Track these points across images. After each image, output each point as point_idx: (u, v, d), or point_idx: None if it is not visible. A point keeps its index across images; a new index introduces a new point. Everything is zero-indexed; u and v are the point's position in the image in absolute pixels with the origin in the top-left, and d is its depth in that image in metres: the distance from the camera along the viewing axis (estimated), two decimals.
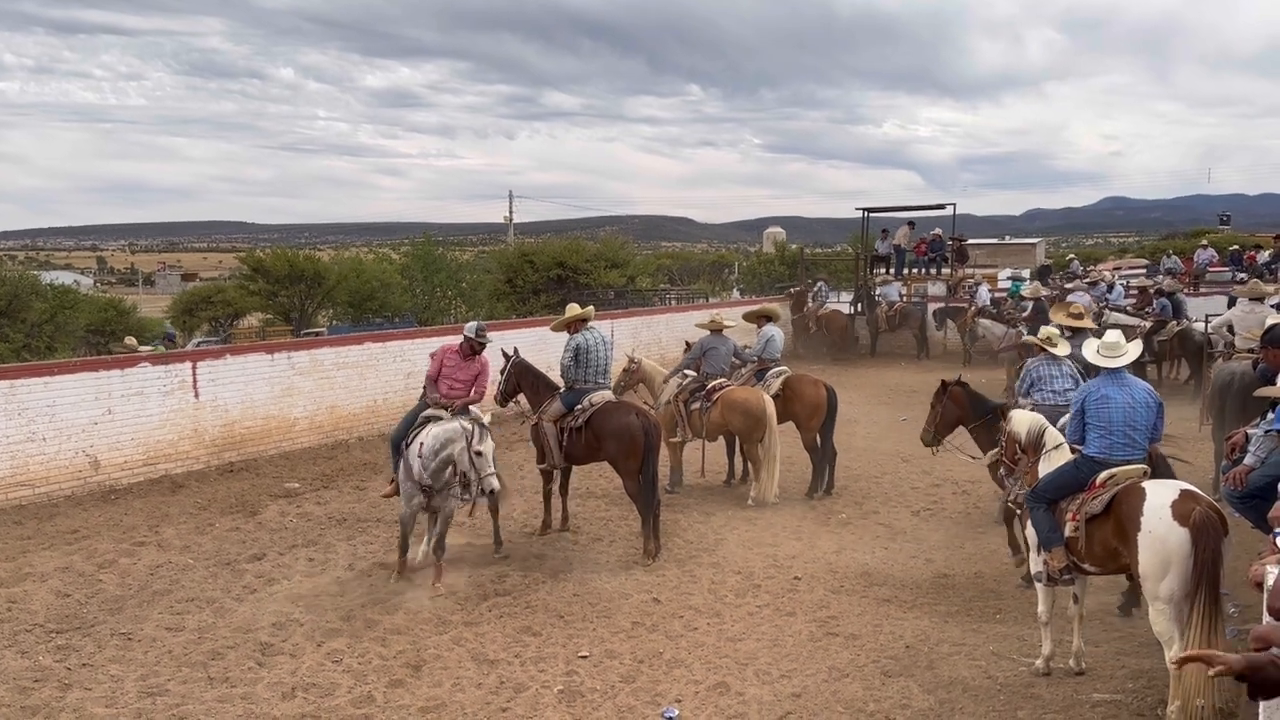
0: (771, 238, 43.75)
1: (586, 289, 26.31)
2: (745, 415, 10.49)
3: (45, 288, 31.48)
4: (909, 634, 7.03)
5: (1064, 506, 6.03)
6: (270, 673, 6.48)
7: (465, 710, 5.95)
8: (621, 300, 25.88)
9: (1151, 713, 5.61)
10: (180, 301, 48.75)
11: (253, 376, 12.99)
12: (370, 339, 15.32)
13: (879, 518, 10.12)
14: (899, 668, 6.47)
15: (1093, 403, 6.02)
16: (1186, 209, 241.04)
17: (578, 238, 37.22)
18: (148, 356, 12.47)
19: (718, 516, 10.12)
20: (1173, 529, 5.33)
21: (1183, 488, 5.62)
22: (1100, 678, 6.21)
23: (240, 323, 43.66)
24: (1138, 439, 5.97)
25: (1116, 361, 6.08)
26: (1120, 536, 5.63)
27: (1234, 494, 6.41)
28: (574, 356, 9.22)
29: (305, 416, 13.60)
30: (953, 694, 6.07)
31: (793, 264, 33.99)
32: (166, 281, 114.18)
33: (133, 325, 33.42)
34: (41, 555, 8.85)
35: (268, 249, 43.25)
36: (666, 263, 47.85)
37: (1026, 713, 5.79)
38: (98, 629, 7.20)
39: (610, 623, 7.32)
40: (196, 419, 12.31)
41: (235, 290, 41.27)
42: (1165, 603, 5.38)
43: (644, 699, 6.10)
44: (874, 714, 5.85)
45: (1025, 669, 6.38)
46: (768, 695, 6.10)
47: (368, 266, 39.20)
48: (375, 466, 12.45)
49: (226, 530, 9.71)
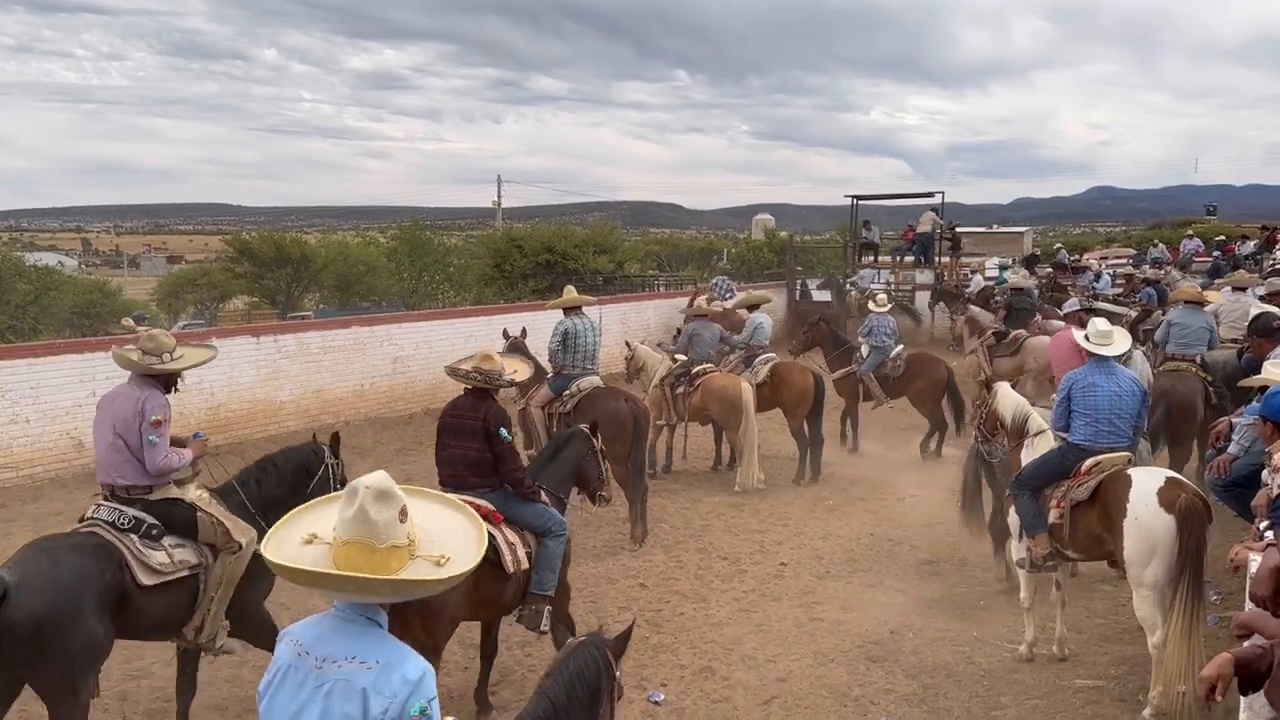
0: (760, 225, 43.72)
1: (575, 274, 26.24)
2: (723, 402, 10.51)
3: (29, 269, 31.28)
4: (894, 620, 7.06)
5: (1048, 493, 6.06)
6: (256, 655, 6.44)
7: (452, 695, 5.95)
8: (610, 286, 25.83)
9: (1133, 698, 5.66)
10: (166, 284, 48.50)
11: (238, 360, 12.92)
12: (357, 323, 15.27)
13: (865, 504, 10.15)
14: (884, 653, 6.50)
15: (1079, 390, 6.03)
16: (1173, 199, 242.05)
17: (566, 223, 37.10)
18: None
19: (705, 503, 10.13)
20: (1158, 515, 5.36)
21: (1168, 475, 5.66)
22: (1083, 663, 6.26)
23: (226, 305, 43.46)
24: (1123, 427, 5.99)
25: (1106, 349, 6.10)
26: (1105, 523, 5.66)
27: (1218, 482, 6.46)
28: (561, 341, 9.22)
29: (291, 400, 13.54)
30: (936, 679, 6.10)
31: (781, 251, 33.96)
32: (152, 263, 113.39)
33: (118, 307, 33.22)
34: (25, 537, 8.71)
35: (254, 231, 43.05)
36: (655, 249, 47.75)
37: (1009, 698, 5.83)
38: None
39: (596, 608, 7.32)
40: (181, 402, 12.21)
41: (221, 273, 41.07)
42: (1149, 589, 5.41)
43: (630, 683, 6.10)
44: (859, 699, 5.88)
45: (1009, 655, 6.42)
46: (753, 680, 6.13)
47: (354, 250, 39.06)
48: (362, 450, 12.41)
49: None
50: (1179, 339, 9.42)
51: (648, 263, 36.94)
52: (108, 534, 4.79)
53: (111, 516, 4.86)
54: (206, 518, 5.08)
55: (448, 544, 2.50)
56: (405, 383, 15.07)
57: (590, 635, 3.14)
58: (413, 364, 15.13)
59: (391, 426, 14.02)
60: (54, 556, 4.55)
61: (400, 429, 13.90)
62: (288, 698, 2.36)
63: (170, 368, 5.10)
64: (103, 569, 4.61)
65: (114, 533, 4.80)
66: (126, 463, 4.96)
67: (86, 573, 4.53)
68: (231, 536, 5.08)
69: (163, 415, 5.00)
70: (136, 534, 4.84)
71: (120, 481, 4.98)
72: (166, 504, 5.03)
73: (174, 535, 4.97)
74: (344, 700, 2.28)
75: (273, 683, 2.41)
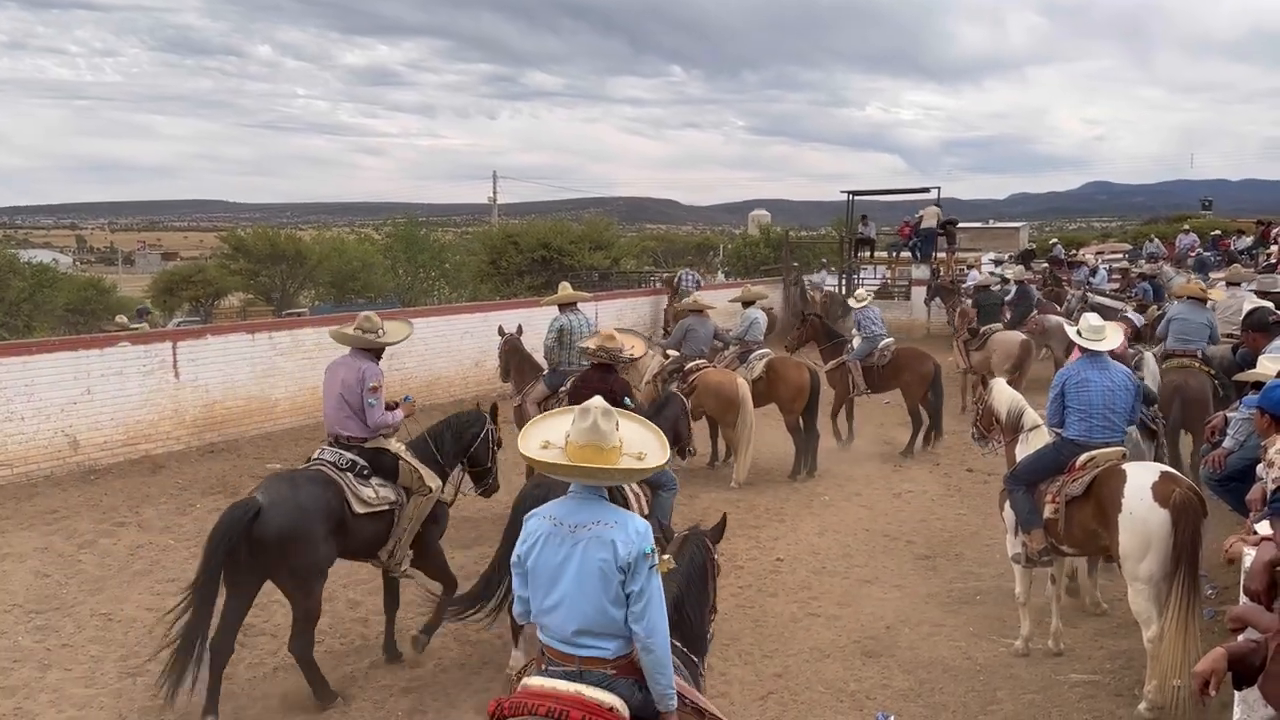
0: (756, 220, 43.71)
1: (571, 270, 26.22)
2: (718, 398, 10.50)
3: (23, 266, 31.14)
4: (890, 615, 7.07)
5: (1043, 489, 6.07)
6: (250, 653, 6.46)
7: (447, 690, 5.95)
8: (606, 282, 25.81)
9: (1129, 692, 5.67)
10: (160, 281, 48.35)
11: (234, 357, 12.90)
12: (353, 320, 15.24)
13: (861, 500, 10.15)
14: (880, 648, 6.51)
15: (1073, 386, 6.04)
16: (1169, 194, 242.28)
17: (562, 219, 37.04)
18: (127, 336, 12.35)
19: (701, 499, 10.13)
20: (1153, 510, 5.37)
21: (1163, 470, 5.68)
22: (1078, 658, 6.27)
23: (221, 303, 43.35)
24: (1117, 422, 5.99)
25: (1098, 344, 6.10)
26: (1100, 518, 5.67)
27: (1212, 476, 6.47)
28: (557, 337, 9.22)
29: (287, 397, 13.51)
30: (932, 674, 6.12)
31: (778, 246, 33.96)
32: (146, 260, 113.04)
33: (113, 304, 33.13)
34: (20, 535, 8.79)
35: (249, 228, 42.94)
36: (651, 245, 47.70)
37: (1005, 693, 5.84)
38: (77, 609, 7.16)
39: None
40: (177, 399, 12.22)
41: (216, 270, 40.93)
42: (1144, 583, 5.42)
43: None
44: (855, 694, 5.89)
45: (1004, 649, 6.44)
46: (750, 675, 6.13)
47: (350, 247, 38.94)
48: None
49: (207, 511, 9.64)
50: (1180, 334, 9.49)
51: (644, 259, 36.91)
52: (331, 471, 5.89)
53: (333, 458, 5.98)
54: (406, 465, 6.17)
55: (645, 446, 3.48)
56: (400, 379, 15.02)
57: (691, 530, 4.28)
58: (408, 360, 15.10)
59: None
60: (295, 485, 5.70)
61: None
62: (550, 554, 3.32)
63: (382, 342, 6.23)
64: (329, 497, 5.75)
65: (335, 471, 5.89)
66: (349, 418, 6.05)
67: (318, 499, 5.68)
68: (424, 482, 6.19)
69: (378, 381, 6.08)
70: (351, 473, 5.93)
71: (342, 433, 6.09)
72: (375, 451, 6.11)
73: (379, 477, 6.06)
74: (598, 549, 3.25)
75: (534, 547, 3.36)
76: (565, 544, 3.31)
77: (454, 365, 15.86)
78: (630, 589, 3.25)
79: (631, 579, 3.24)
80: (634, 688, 3.35)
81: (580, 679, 3.31)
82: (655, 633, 3.27)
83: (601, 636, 3.32)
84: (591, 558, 3.26)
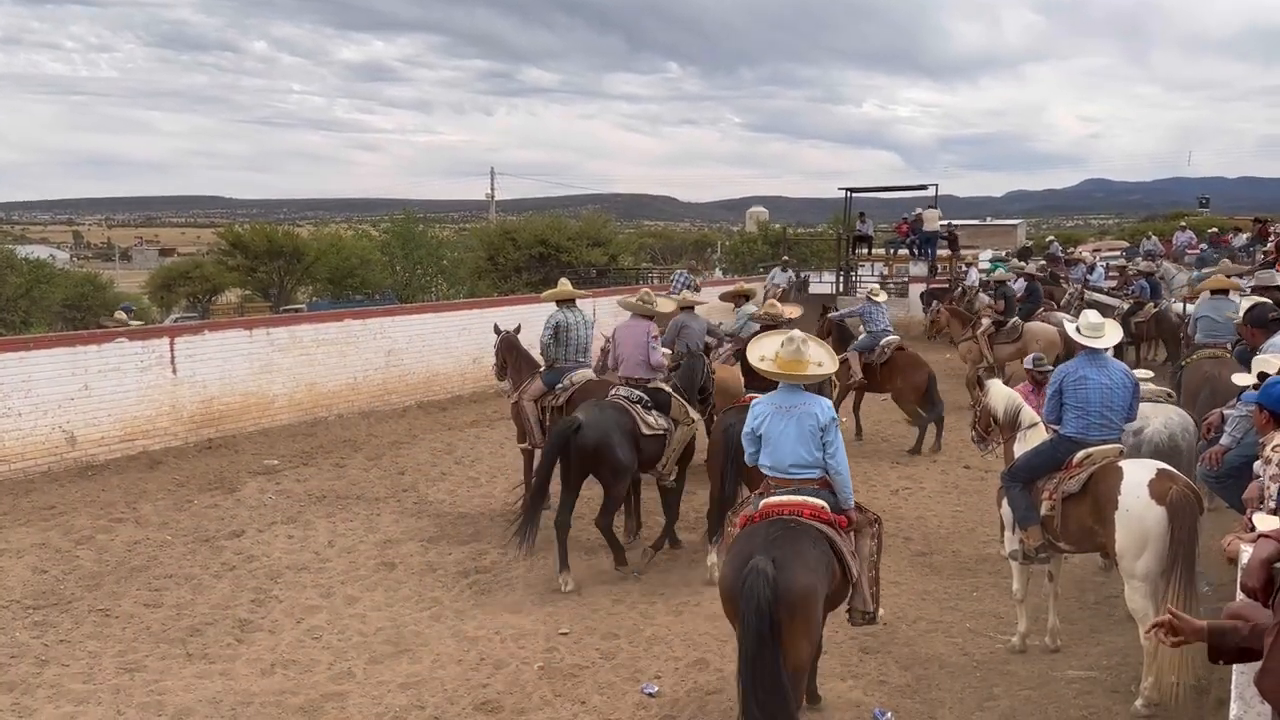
0: (754, 217, 43.70)
1: (569, 267, 26.22)
2: (722, 394, 10.48)
3: (20, 262, 31.15)
4: (887, 611, 7.04)
5: (1040, 486, 6.08)
6: (249, 649, 6.46)
7: (445, 687, 5.96)
8: (604, 279, 25.82)
9: (1126, 689, 5.68)
10: (158, 277, 48.29)
11: (231, 353, 12.88)
12: (350, 316, 15.23)
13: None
14: (877, 644, 6.52)
15: (1070, 383, 6.05)
16: (1166, 191, 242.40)
17: (560, 216, 37.02)
18: (125, 332, 12.32)
19: (699, 495, 10.11)
20: (1150, 507, 5.39)
21: (1159, 467, 5.68)
22: (1075, 654, 6.29)
23: (219, 299, 43.30)
24: (1114, 419, 6.00)
25: (1097, 342, 6.11)
26: (1097, 515, 5.68)
27: (1210, 474, 6.48)
28: (554, 334, 9.19)
29: (284, 393, 13.51)
30: (929, 670, 6.13)
31: (775, 243, 33.97)
32: (143, 256, 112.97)
33: (110, 300, 33.10)
34: (17, 531, 8.77)
35: (246, 224, 42.86)
36: (649, 241, 47.72)
37: (1002, 689, 5.85)
38: (75, 605, 7.16)
39: (590, 599, 7.34)
40: (174, 395, 12.20)
41: (213, 266, 40.92)
42: (1141, 580, 5.44)
43: (624, 675, 6.12)
44: (851, 690, 5.90)
45: (1001, 646, 6.45)
46: None
47: (347, 243, 38.91)
48: (355, 444, 12.41)
49: (205, 507, 9.66)
50: (1208, 330, 9.66)
51: (641, 255, 36.91)
52: (625, 403, 7.90)
53: (626, 394, 8.02)
54: (676, 401, 8.24)
55: (821, 358, 5.35)
56: (398, 375, 15.05)
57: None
58: (406, 357, 15.11)
59: (385, 419, 14.00)
60: (604, 410, 7.76)
61: (394, 422, 13.88)
62: (777, 423, 5.13)
63: (655, 309, 8.70)
64: (628, 420, 7.76)
65: (628, 403, 7.90)
66: (639, 364, 8.21)
67: (621, 420, 7.73)
68: (689, 414, 8.24)
69: (657, 332, 8.56)
70: (639, 405, 7.92)
71: (634, 375, 8.19)
72: (655, 390, 8.18)
73: (657, 410, 8.03)
74: (807, 419, 5.10)
75: (764, 420, 5.19)
76: (785, 416, 5.12)
77: (451, 362, 15.85)
78: (826, 440, 5.11)
79: (826, 433, 5.10)
80: (830, 496, 5.16)
81: (799, 493, 5.06)
82: (841, 464, 5.18)
83: (808, 468, 5.11)
84: (805, 423, 5.08)
